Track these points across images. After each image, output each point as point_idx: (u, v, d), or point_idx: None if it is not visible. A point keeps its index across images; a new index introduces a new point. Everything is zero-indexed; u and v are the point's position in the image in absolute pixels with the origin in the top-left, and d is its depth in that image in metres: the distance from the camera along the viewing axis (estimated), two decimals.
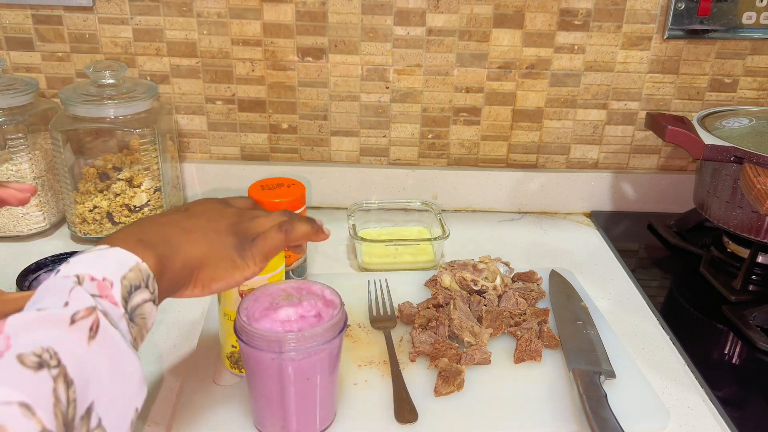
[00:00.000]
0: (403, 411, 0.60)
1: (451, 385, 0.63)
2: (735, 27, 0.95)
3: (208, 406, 0.61)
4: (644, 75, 0.99)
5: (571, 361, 0.66)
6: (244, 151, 1.04)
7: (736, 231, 0.83)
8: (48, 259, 0.73)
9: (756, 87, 1.00)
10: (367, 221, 0.95)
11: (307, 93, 1.00)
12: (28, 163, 0.89)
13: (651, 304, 0.81)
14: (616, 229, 1.01)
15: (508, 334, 0.72)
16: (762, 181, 0.72)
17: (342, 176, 1.04)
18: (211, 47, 0.97)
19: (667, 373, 0.69)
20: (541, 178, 1.04)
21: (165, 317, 0.75)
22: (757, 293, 0.82)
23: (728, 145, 0.80)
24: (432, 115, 1.01)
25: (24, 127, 0.87)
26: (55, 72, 0.98)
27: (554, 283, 0.82)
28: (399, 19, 0.95)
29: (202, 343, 0.70)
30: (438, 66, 0.98)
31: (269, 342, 0.52)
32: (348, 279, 0.84)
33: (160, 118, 0.91)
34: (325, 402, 0.57)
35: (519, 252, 0.93)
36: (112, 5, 0.94)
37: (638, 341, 0.74)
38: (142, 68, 0.98)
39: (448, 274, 0.78)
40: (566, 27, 0.96)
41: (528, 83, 0.99)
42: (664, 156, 1.05)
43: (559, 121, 1.02)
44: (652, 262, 0.95)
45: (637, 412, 0.61)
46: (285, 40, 0.96)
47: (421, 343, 0.68)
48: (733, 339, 0.75)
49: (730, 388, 0.67)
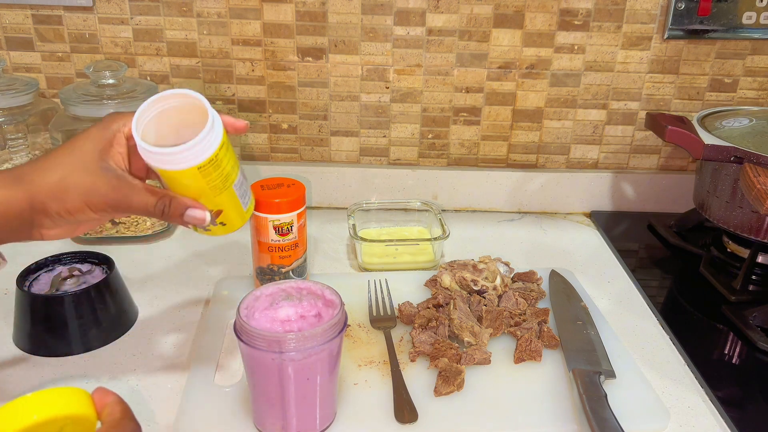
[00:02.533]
0: (403, 411, 0.60)
1: (451, 385, 0.63)
2: (735, 27, 0.95)
3: (208, 406, 0.61)
4: (644, 75, 0.99)
5: (571, 361, 0.66)
6: (244, 151, 1.04)
7: (736, 231, 0.83)
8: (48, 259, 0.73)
9: (756, 87, 1.00)
10: (367, 221, 0.95)
11: (307, 93, 1.00)
12: None
13: (651, 304, 0.81)
14: (616, 229, 1.01)
15: (508, 334, 0.72)
16: (762, 181, 0.72)
17: (342, 176, 1.04)
18: (211, 47, 0.97)
19: (667, 373, 0.69)
20: (541, 178, 1.04)
21: (165, 317, 0.76)
22: (757, 293, 0.82)
23: (728, 145, 0.80)
24: (432, 115, 1.01)
25: (24, 127, 0.87)
26: (55, 72, 0.98)
27: (554, 283, 0.82)
28: (399, 19, 0.95)
29: (203, 343, 0.70)
30: (438, 66, 0.98)
31: (269, 342, 0.52)
32: (348, 279, 0.84)
33: None
34: (325, 402, 0.57)
35: (519, 252, 0.93)
36: (112, 5, 0.94)
37: (638, 341, 0.74)
38: (142, 68, 0.98)
39: (448, 274, 0.78)
40: (566, 27, 0.96)
41: (528, 83, 0.99)
42: (664, 156, 1.05)
43: (559, 121, 1.02)
44: (652, 262, 0.95)
45: (637, 412, 0.61)
46: (285, 40, 0.96)
47: (421, 343, 0.68)
48: (733, 339, 0.75)
49: (730, 388, 0.67)
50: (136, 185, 0.54)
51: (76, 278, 0.71)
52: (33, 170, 0.52)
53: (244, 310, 0.55)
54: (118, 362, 0.68)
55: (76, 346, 0.69)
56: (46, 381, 0.65)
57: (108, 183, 0.52)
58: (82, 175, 0.52)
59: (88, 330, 0.69)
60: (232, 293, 0.78)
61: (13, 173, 0.52)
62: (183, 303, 0.78)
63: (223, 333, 0.71)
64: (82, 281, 0.71)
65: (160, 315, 0.76)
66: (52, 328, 0.68)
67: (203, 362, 0.66)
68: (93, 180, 0.52)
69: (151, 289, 0.80)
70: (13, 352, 0.69)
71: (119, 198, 0.53)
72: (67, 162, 0.52)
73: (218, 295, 0.78)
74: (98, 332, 0.70)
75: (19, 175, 0.52)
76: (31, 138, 0.88)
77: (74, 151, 0.53)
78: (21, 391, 0.63)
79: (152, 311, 0.77)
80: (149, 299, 0.79)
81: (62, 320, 0.68)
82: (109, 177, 0.53)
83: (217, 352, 0.68)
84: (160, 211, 0.54)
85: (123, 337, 0.72)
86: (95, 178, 0.52)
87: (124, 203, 0.53)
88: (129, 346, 0.71)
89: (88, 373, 0.66)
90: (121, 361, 0.68)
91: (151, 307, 0.77)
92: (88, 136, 0.54)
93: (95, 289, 0.69)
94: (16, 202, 0.51)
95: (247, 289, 0.76)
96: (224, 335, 0.71)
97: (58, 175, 0.52)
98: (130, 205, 0.53)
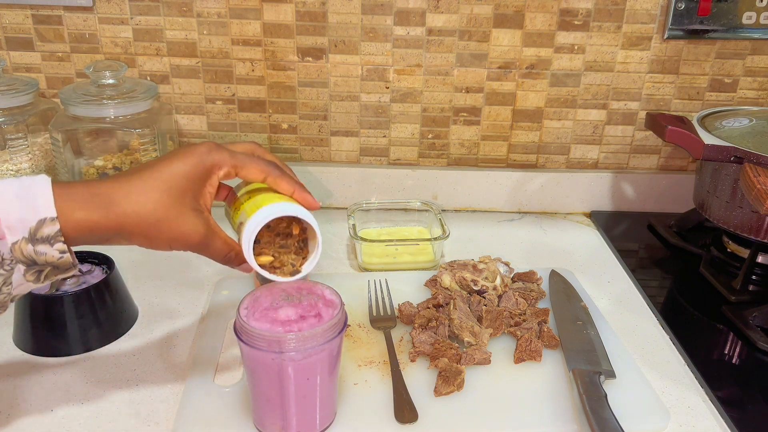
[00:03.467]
0: (403, 411, 0.60)
1: (451, 385, 0.63)
2: (735, 27, 0.95)
3: (208, 406, 0.61)
4: (644, 75, 0.99)
5: (571, 361, 0.66)
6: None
7: (736, 231, 0.83)
8: None
9: (756, 87, 1.00)
10: (367, 221, 0.95)
11: (307, 93, 1.00)
12: (28, 163, 0.89)
13: (651, 304, 0.81)
14: (616, 229, 1.01)
15: (508, 334, 0.72)
16: (762, 181, 0.72)
17: (342, 176, 1.04)
18: (211, 47, 0.97)
19: (667, 373, 0.69)
20: (541, 178, 1.04)
21: (165, 317, 0.76)
22: (757, 293, 0.82)
23: (728, 145, 0.80)
24: (432, 115, 1.01)
25: (24, 127, 0.87)
26: (55, 72, 0.98)
27: (554, 283, 0.82)
28: (399, 19, 0.95)
29: (203, 343, 0.70)
30: (438, 66, 0.98)
31: (269, 342, 0.52)
32: (348, 279, 0.84)
33: (160, 118, 0.91)
34: (325, 402, 0.57)
35: (519, 252, 0.93)
36: (112, 5, 0.94)
37: (638, 341, 0.74)
38: (142, 68, 0.98)
39: (448, 274, 0.78)
40: (566, 27, 0.96)
41: (528, 83, 0.99)
42: (664, 156, 1.05)
43: (559, 121, 1.02)
44: (652, 262, 0.95)
45: (637, 412, 0.61)
46: (285, 40, 0.96)
47: (421, 343, 0.68)
48: (733, 339, 0.75)
49: (730, 388, 0.67)
50: (219, 234, 0.55)
51: (76, 278, 0.71)
52: (124, 195, 0.50)
53: (244, 310, 0.55)
54: (118, 362, 0.68)
55: (76, 346, 0.69)
56: (46, 381, 0.65)
57: (196, 229, 0.53)
58: (173, 213, 0.51)
59: (88, 330, 0.69)
60: (232, 293, 0.78)
61: (102, 195, 0.50)
62: (183, 303, 0.78)
63: (223, 333, 0.71)
64: (82, 281, 0.71)
65: (160, 315, 0.76)
66: (52, 328, 0.68)
67: (203, 362, 0.66)
68: (183, 221, 0.52)
69: (151, 289, 0.80)
70: (13, 352, 0.69)
71: (202, 244, 0.54)
72: (159, 193, 0.51)
73: (218, 295, 0.78)
74: (98, 332, 0.70)
75: (109, 199, 0.50)
76: (31, 138, 0.88)
77: (167, 181, 0.52)
78: (22, 392, 0.63)
79: (152, 311, 0.77)
80: (149, 299, 0.79)
81: (62, 320, 0.68)
82: (199, 223, 0.53)
83: (217, 352, 0.68)
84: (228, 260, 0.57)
85: (123, 337, 0.72)
86: (185, 219, 0.52)
87: (204, 248, 0.55)
88: (129, 346, 0.71)
89: (88, 373, 0.66)
90: (121, 361, 0.68)
91: (151, 307, 0.77)
92: (184, 167, 0.52)
93: (95, 289, 0.69)
94: (104, 227, 0.50)
95: (247, 289, 0.76)
96: (224, 335, 0.71)
97: (150, 207, 0.51)
98: (206, 250, 0.55)
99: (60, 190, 0.48)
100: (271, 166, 0.57)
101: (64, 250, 0.48)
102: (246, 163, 0.55)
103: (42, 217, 0.47)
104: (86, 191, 0.50)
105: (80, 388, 0.64)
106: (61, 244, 0.48)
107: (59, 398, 0.63)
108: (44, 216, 0.47)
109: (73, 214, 0.48)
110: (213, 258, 0.56)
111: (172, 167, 0.52)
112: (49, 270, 0.49)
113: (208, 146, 0.54)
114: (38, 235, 0.47)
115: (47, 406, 0.62)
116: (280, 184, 0.57)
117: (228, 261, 0.57)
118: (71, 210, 0.48)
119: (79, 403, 0.62)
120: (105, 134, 0.91)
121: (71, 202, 0.48)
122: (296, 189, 0.57)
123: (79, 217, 0.48)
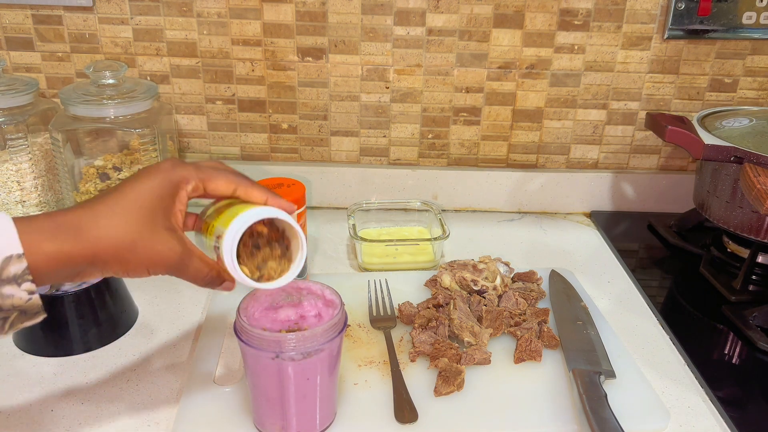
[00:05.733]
0: (403, 411, 0.60)
1: (451, 385, 0.63)
2: (735, 27, 0.95)
3: (208, 407, 0.61)
4: (644, 75, 0.99)
5: (571, 361, 0.66)
6: (244, 151, 1.04)
7: (736, 231, 0.83)
8: None
9: (756, 87, 1.00)
10: (367, 221, 0.95)
11: (307, 93, 1.00)
12: (28, 163, 0.89)
13: (651, 304, 0.81)
14: (616, 229, 1.01)
15: (508, 334, 0.72)
16: (762, 181, 0.72)
17: (342, 176, 1.04)
18: (211, 47, 0.97)
19: (667, 373, 0.69)
20: (541, 178, 1.04)
21: (165, 317, 0.76)
22: (757, 293, 0.82)
23: (728, 145, 0.80)
24: (432, 115, 1.01)
25: (24, 127, 0.87)
26: (55, 72, 0.98)
27: (554, 283, 0.82)
28: (399, 19, 0.95)
29: (203, 343, 0.70)
30: (438, 66, 0.98)
31: (269, 342, 0.52)
32: (348, 279, 0.84)
33: (160, 118, 0.91)
34: (325, 402, 0.57)
35: (519, 252, 0.93)
36: (112, 5, 0.94)
37: (638, 341, 0.74)
38: (142, 68, 0.98)
39: (448, 274, 0.78)
40: (566, 27, 0.96)
41: (528, 83, 0.99)
42: (664, 156, 1.05)
43: (559, 121, 1.02)
44: (652, 262, 0.95)
45: (637, 412, 0.61)
46: (285, 40, 0.96)
47: (421, 343, 0.68)
48: (733, 339, 0.75)
49: (730, 388, 0.67)
50: (195, 252, 0.52)
51: None
52: (93, 222, 0.47)
53: (244, 310, 0.55)
54: (118, 362, 0.68)
55: (76, 346, 0.69)
56: (46, 381, 0.65)
57: (172, 247, 0.50)
58: (146, 232, 0.49)
59: (88, 330, 0.69)
60: (232, 293, 0.78)
61: (69, 223, 0.47)
62: (183, 303, 0.78)
63: (223, 333, 0.71)
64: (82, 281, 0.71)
65: (160, 315, 0.76)
66: (52, 328, 0.68)
67: (203, 362, 0.66)
68: (157, 240, 0.49)
69: (151, 289, 0.80)
70: (13, 352, 0.69)
71: (180, 264, 0.51)
72: (128, 214, 0.48)
73: (218, 295, 0.78)
74: (98, 332, 0.70)
75: (77, 226, 0.47)
76: (31, 138, 0.88)
77: (135, 201, 0.49)
78: (21, 392, 0.63)
79: (152, 311, 0.77)
80: (149, 299, 0.79)
81: (62, 320, 0.68)
82: (174, 242, 0.50)
83: (217, 352, 0.68)
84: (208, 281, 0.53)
85: (123, 337, 0.72)
86: (159, 238, 0.49)
87: (182, 269, 0.51)
88: (129, 346, 0.71)
89: (88, 373, 0.66)
90: (121, 361, 0.68)
91: (151, 307, 0.77)
92: (150, 184, 0.50)
93: (95, 289, 0.69)
94: (76, 257, 0.46)
95: (247, 289, 0.76)
96: (224, 335, 0.71)
97: (121, 229, 0.48)
98: (185, 272, 0.52)
99: (22, 224, 0.44)
100: (240, 177, 0.54)
101: (33, 290, 0.44)
102: (213, 175, 0.53)
103: (7, 255, 0.43)
104: (51, 222, 0.46)
105: (80, 388, 0.64)
106: (30, 283, 0.44)
107: (59, 398, 0.63)
108: (9, 253, 0.43)
109: (40, 246, 0.44)
110: (193, 280, 0.52)
111: (138, 187, 0.50)
112: (15, 316, 0.45)
113: (172, 162, 0.52)
114: (3, 275, 0.43)
115: (47, 406, 0.62)
116: (251, 193, 0.54)
117: (209, 282, 0.53)
118: (38, 242, 0.44)
119: (79, 403, 0.62)
120: (105, 134, 0.91)
121: (37, 234, 0.45)
122: (269, 196, 0.54)
123: (47, 249, 0.45)
